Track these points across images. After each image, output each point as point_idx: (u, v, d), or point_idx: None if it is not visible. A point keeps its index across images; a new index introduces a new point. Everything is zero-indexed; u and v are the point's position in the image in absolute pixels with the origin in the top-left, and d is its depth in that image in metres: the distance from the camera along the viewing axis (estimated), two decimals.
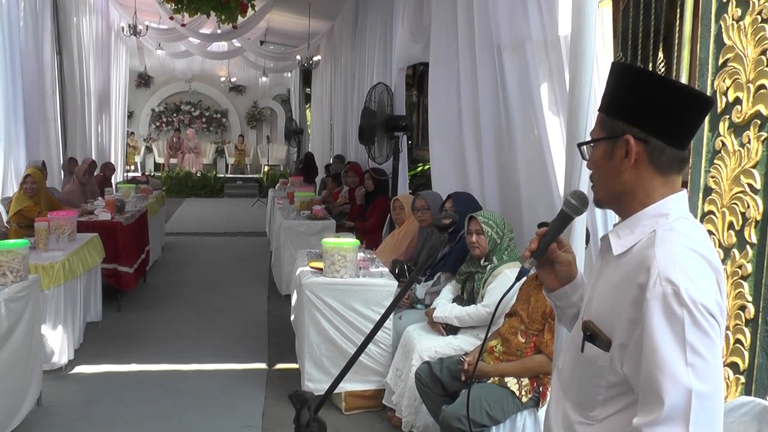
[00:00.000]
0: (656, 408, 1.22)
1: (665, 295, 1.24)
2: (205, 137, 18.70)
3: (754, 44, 2.12)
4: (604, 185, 1.44)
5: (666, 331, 1.23)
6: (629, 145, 1.36)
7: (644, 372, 1.26)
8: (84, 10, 9.74)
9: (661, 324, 1.24)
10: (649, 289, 1.26)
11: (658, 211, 1.38)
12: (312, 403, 1.45)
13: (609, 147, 1.40)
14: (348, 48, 10.54)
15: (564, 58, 3.27)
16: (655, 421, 1.22)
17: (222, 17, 8.69)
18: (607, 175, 1.42)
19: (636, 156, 1.36)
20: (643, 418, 1.25)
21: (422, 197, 4.85)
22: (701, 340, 1.22)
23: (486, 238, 3.65)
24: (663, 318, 1.24)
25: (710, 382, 1.22)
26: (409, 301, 4.34)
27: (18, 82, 6.84)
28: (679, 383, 1.21)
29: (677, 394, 1.20)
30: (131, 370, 4.68)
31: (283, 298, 6.48)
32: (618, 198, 1.42)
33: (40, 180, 5.81)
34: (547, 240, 1.54)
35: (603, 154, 1.41)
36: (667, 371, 1.22)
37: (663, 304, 1.24)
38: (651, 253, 1.30)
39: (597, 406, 1.42)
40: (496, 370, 3.12)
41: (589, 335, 1.40)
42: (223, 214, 13.34)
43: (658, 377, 1.22)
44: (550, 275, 1.62)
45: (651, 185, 1.38)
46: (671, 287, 1.24)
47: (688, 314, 1.22)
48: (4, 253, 3.70)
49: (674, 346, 1.22)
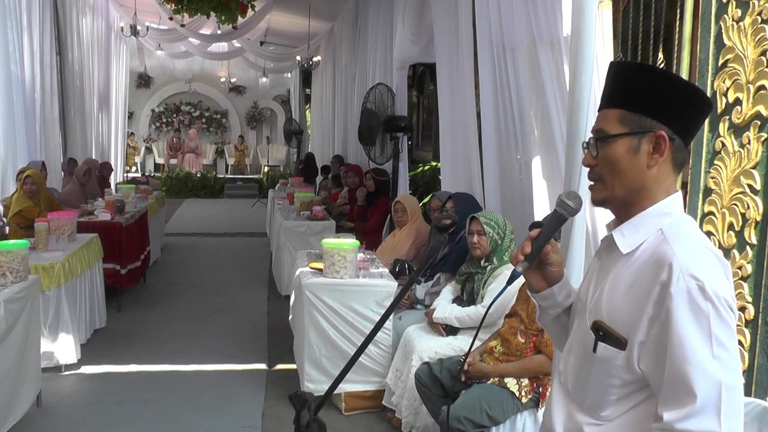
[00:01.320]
0: (688, 402, 1.24)
1: (690, 290, 1.26)
2: (205, 138, 18.69)
3: (754, 45, 2.12)
4: (622, 181, 1.42)
5: (693, 325, 1.26)
6: (663, 141, 1.37)
7: (672, 367, 1.27)
8: (84, 10, 9.74)
9: (688, 319, 1.26)
10: (673, 285, 1.27)
11: (661, 210, 1.40)
12: (312, 404, 1.45)
13: (635, 142, 1.40)
14: (348, 48, 10.54)
15: (564, 59, 3.27)
16: (688, 414, 1.24)
17: (222, 18, 8.69)
18: (629, 171, 1.41)
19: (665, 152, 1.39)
20: (675, 412, 1.26)
21: (437, 197, 4.86)
22: (725, 332, 1.25)
23: (487, 239, 3.65)
24: (689, 313, 1.26)
25: (735, 373, 1.26)
26: (408, 302, 4.34)
27: (18, 82, 6.84)
28: (710, 376, 1.24)
29: (709, 387, 1.23)
30: (131, 371, 4.68)
31: (283, 298, 6.48)
32: (634, 194, 1.42)
33: (40, 180, 5.81)
34: (540, 242, 1.52)
35: (627, 149, 1.40)
36: (697, 365, 1.24)
37: (689, 299, 1.26)
38: (668, 250, 1.32)
39: (609, 405, 1.42)
40: (496, 370, 3.11)
41: (602, 335, 1.40)
42: (223, 214, 13.34)
43: (687, 371, 1.25)
44: (537, 276, 1.60)
45: (665, 183, 1.41)
46: (696, 282, 1.26)
47: (713, 308, 1.25)
48: (4, 254, 3.70)
49: (701, 339, 1.25)
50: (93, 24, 10.35)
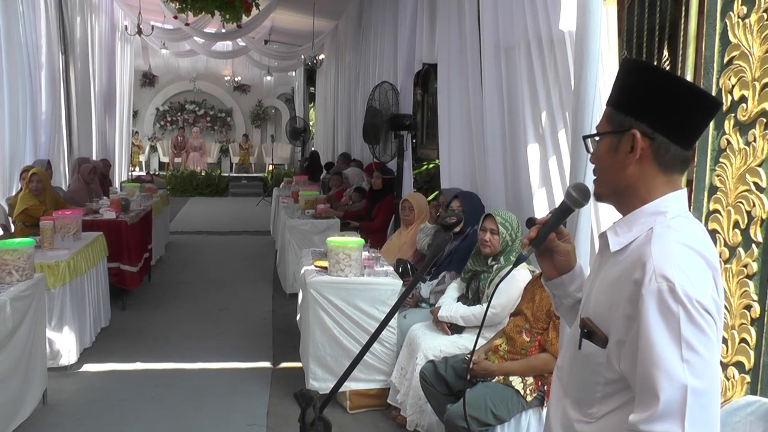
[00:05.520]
0: (652, 404, 1.22)
1: (660, 291, 1.24)
2: (210, 136, 18.71)
3: (760, 42, 2.11)
4: (606, 179, 1.44)
5: (661, 327, 1.23)
6: (635, 140, 1.36)
7: (640, 368, 1.26)
8: (89, 9, 9.75)
9: (657, 320, 1.24)
10: (645, 285, 1.26)
11: (655, 209, 1.37)
12: (317, 402, 1.45)
13: (615, 141, 1.40)
14: (352, 47, 10.55)
15: (569, 56, 3.27)
16: (650, 417, 1.22)
17: (226, 16, 8.69)
18: (611, 169, 1.42)
19: (641, 152, 1.36)
20: (639, 414, 1.25)
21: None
22: (697, 336, 1.22)
23: (499, 239, 3.64)
24: (658, 314, 1.24)
25: (706, 378, 1.22)
26: (413, 300, 4.34)
27: (24, 81, 6.86)
28: (675, 379, 1.20)
29: (673, 391, 1.20)
30: (136, 369, 4.69)
31: (288, 296, 6.49)
32: (620, 193, 1.42)
33: (46, 179, 5.82)
34: (546, 229, 1.54)
35: (608, 147, 1.41)
36: (663, 367, 1.21)
37: (658, 300, 1.24)
38: (647, 249, 1.30)
39: (595, 403, 1.41)
40: (501, 369, 3.11)
41: (587, 332, 1.40)
42: (228, 213, 13.36)
43: (653, 373, 1.22)
44: (549, 264, 1.62)
45: (653, 182, 1.38)
46: (666, 283, 1.24)
47: (684, 310, 1.22)
48: (9, 252, 3.72)
49: (669, 342, 1.22)
50: (98, 23, 10.36)
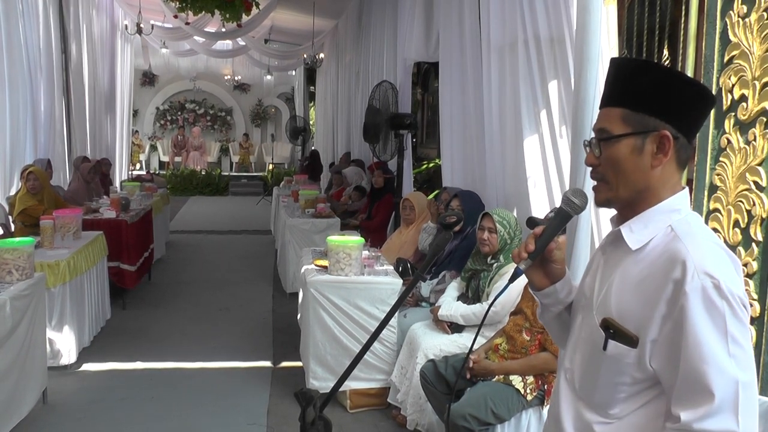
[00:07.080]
0: (705, 401, 1.24)
1: (705, 288, 1.25)
2: (210, 136, 18.71)
3: (760, 41, 2.11)
4: (627, 182, 1.41)
5: (708, 324, 1.25)
6: (667, 141, 1.36)
7: (687, 366, 1.26)
8: (89, 8, 9.75)
9: (703, 317, 1.25)
10: (688, 283, 1.26)
11: (670, 206, 1.38)
12: (317, 401, 1.45)
13: (638, 142, 1.38)
14: (352, 46, 10.54)
15: (569, 56, 3.27)
16: (706, 414, 1.23)
17: (226, 16, 8.69)
18: (633, 171, 1.39)
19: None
20: (692, 412, 1.25)
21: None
22: (740, 330, 1.25)
23: (498, 237, 3.64)
24: (705, 311, 1.25)
25: (750, 370, 1.25)
26: (413, 299, 4.34)
27: (24, 81, 6.85)
28: (727, 374, 1.23)
29: (726, 386, 1.23)
30: (136, 368, 4.69)
31: (288, 296, 6.49)
32: (639, 194, 1.41)
33: (43, 177, 5.81)
34: (545, 240, 1.50)
35: (631, 149, 1.39)
36: (714, 364, 1.23)
37: (704, 298, 1.25)
38: (680, 247, 1.31)
39: (619, 403, 1.41)
40: (501, 368, 3.11)
41: (612, 333, 1.39)
42: (228, 212, 13.36)
43: (704, 370, 1.24)
44: (540, 274, 1.58)
45: (671, 181, 1.40)
46: (711, 280, 1.25)
47: (728, 306, 1.24)
48: (9, 251, 3.72)
49: (717, 338, 1.24)
50: (98, 22, 10.36)
